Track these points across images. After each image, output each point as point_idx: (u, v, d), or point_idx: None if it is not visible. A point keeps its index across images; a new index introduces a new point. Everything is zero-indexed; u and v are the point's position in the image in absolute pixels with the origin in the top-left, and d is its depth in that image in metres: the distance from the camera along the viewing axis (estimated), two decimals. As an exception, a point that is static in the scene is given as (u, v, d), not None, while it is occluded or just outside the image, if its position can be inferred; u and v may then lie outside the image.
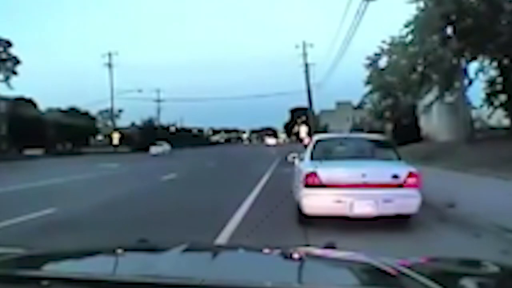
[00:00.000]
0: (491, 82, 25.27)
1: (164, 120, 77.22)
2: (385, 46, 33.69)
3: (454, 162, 16.64)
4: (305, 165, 7.81)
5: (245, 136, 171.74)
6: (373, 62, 37.00)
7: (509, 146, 17.30)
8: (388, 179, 7.05)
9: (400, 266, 1.50)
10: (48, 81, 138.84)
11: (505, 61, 22.82)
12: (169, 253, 1.83)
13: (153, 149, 55.20)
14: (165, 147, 58.25)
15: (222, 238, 6.67)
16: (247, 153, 48.20)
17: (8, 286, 1.35)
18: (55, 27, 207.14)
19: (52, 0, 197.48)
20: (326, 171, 7.18)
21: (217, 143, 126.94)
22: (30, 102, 54.91)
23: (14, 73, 50.46)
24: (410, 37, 24.27)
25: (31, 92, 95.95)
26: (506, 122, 27.55)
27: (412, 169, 7.24)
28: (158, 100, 71.24)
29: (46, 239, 6.89)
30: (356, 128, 54.20)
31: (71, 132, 58.33)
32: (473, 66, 24.39)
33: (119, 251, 1.91)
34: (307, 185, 7.14)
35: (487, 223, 6.88)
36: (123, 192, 13.66)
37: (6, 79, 49.89)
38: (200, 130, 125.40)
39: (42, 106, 59.04)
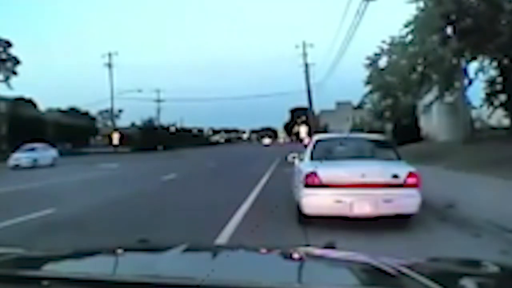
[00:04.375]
0: (491, 82, 25.27)
1: (164, 120, 76.92)
2: (385, 46, 33.70)
3: (454, 162, 16.63)
4: (305, 165, 7.81)
5: (245, 136, 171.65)
6: (373, 62, 36.99)
7: (509, 146, 17.30)
8: (388, 179, 7.05)
9: (400, 266, 1.50)
10: (48, 81, 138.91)
11: (505, 61, 22.81)
12: (169, 253, 1.84)
13: (15, 157, 31.08)
14: (43, 152, 32.87)
15: (223, 238, 6.67)
16: (247, 153, 48.19)
17: (8, 286, 1.35)
18: (55, 27, 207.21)
19: (52, 0, 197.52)
20: (326, 171, 7.18)
21: (217, 143, 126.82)
22: (30, 102, 54.79)
23: (14, 73, 50.41)
24: (410, 37, 24.27)
25: (31, 92, 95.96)
26: (506, 122, 27.54)
27: (412, 169, 7.24)
28: (158, 100, 71.19)
29: (47, 239, 6.91)
30: (356, 128, 54.14)
31: (71, 132, 58.23)
32: (473, 66, 24.43)
33: (119, 251, 1.91)
34: (307, 185, 7.14)
35: (487, 223, 6.88)
36: (124, 193, 13.66)
37: (6, 79, 49.85)
38: (200, 130, 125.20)
39: (42, 106, 58.95)
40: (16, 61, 50.52)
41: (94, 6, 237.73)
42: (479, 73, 24.22)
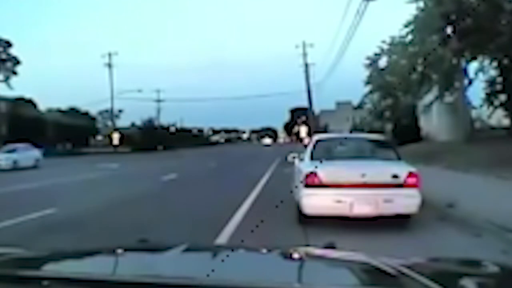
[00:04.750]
0: (491, 82, 25.29)
1: (164, 120, 76.87)
2: (385, 46, 33.79)
3: (454, 162, 16.63)
4: (305, 165, 7.81)
5: (245, 136, 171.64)
6: (373, 62, 37.07)
7: (509, 146, 17.30)
8: (388, 179, 7.05)
9: (400, 266, 1.50)
10: (48, 81, 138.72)
11: (505, 61, 22.82)
12: (169, 253, 1.84)
13: None
14: (25, 153, 29.73)
15: (223, 238, 6.67)
16: (247, 153, 48.16)
17: (8, 286, 1.35)
18: (55, 27, 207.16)
19: (52, 0, 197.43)
20: (326, 171, 7.18)
21: (217, 143, 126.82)
22: (30, 102, 54.78)
23: (14, 73, 50.49)
24: (410, 37, 24.30)
25: (31, 92, 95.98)
26: (506, 122, 27.55)
27: (412, 169, 7.24)
28: (158, 100, 71.14)
29: (47, 238, 6.91)
30: (356, 128, 54.13)
31: (71, 132, 58.17)
32: (473, 66, 24.46)
33: (119, 251, 1.91)
34: (307, 185, 7.14)
35: (487, 223, 6.88)
36: (125, 193, 13.63)
37: (6, 79, 49.92)
38: (200, 130, 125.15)
39: (42, 106, 58.90)
40: (16, 61, 50.59)
41: (94, 6, 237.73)
42: (479, 73, 24.29)
